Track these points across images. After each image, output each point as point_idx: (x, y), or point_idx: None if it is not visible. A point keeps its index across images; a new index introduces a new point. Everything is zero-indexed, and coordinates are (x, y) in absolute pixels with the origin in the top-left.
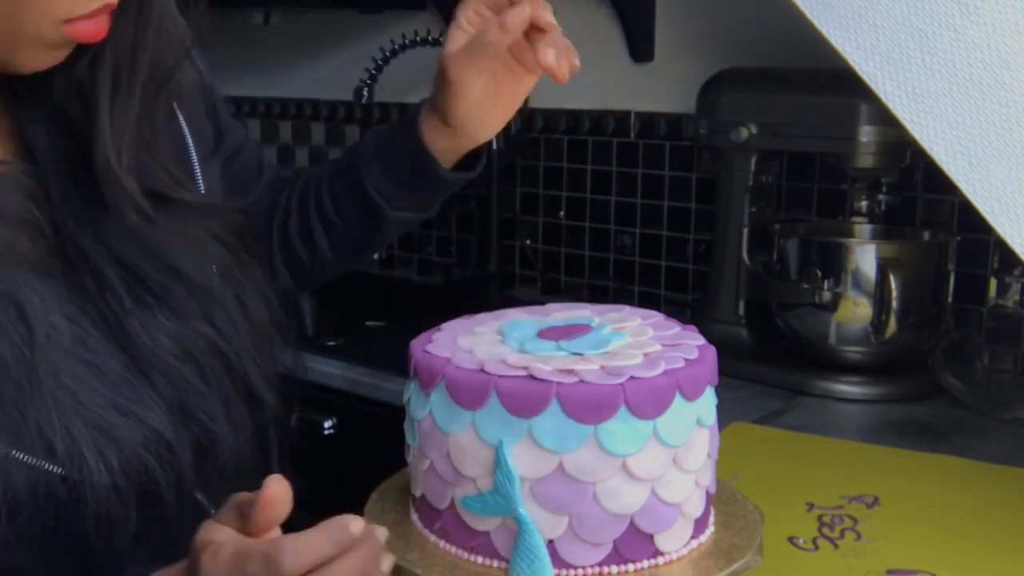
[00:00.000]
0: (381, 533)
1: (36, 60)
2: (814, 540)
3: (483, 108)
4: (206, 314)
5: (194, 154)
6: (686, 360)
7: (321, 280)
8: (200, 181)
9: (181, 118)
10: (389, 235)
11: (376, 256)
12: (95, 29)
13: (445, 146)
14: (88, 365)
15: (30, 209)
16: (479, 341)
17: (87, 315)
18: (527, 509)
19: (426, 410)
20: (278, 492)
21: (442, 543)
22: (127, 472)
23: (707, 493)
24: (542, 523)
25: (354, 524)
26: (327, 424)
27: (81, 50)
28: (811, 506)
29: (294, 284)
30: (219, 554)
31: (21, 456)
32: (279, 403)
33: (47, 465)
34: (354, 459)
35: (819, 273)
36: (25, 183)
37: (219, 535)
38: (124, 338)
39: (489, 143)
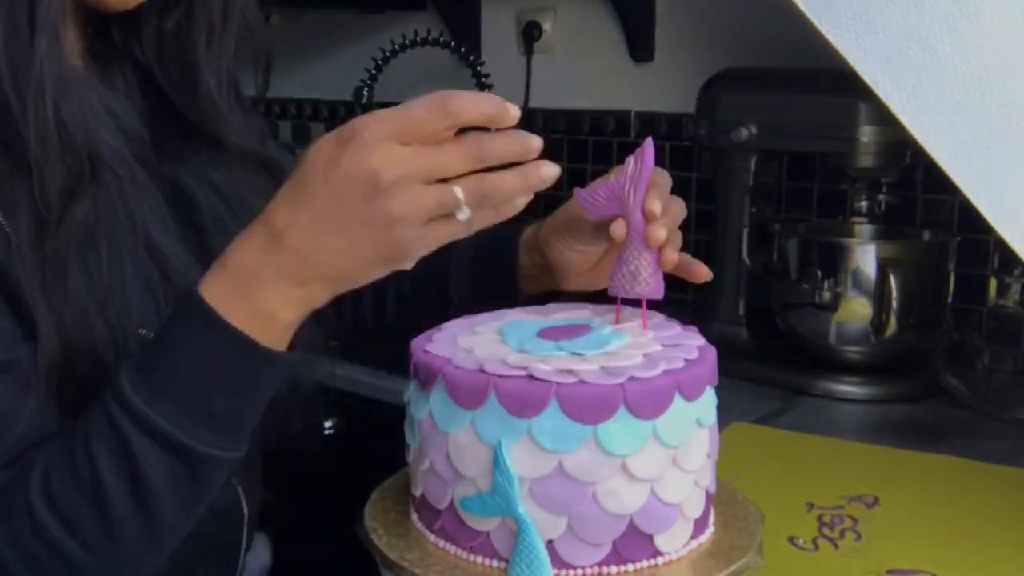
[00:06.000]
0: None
1: None
2: (814, 540)
3: (595, 275)
4: None
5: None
6: (686, 360)
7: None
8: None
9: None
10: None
11: None
12: None
13: (531, 282)
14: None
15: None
16: (479, 341)
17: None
18: (526, 509)
19: (426, 410)
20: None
21: (442, 543)
22: None
23: (707, 493)
24: (541, 523)
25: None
26: (327, 424)
27: (171, 4)
28: (811, 506)
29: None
30: None
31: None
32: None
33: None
34: (354, 459)
35: (819, 273)
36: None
37: None
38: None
39: None
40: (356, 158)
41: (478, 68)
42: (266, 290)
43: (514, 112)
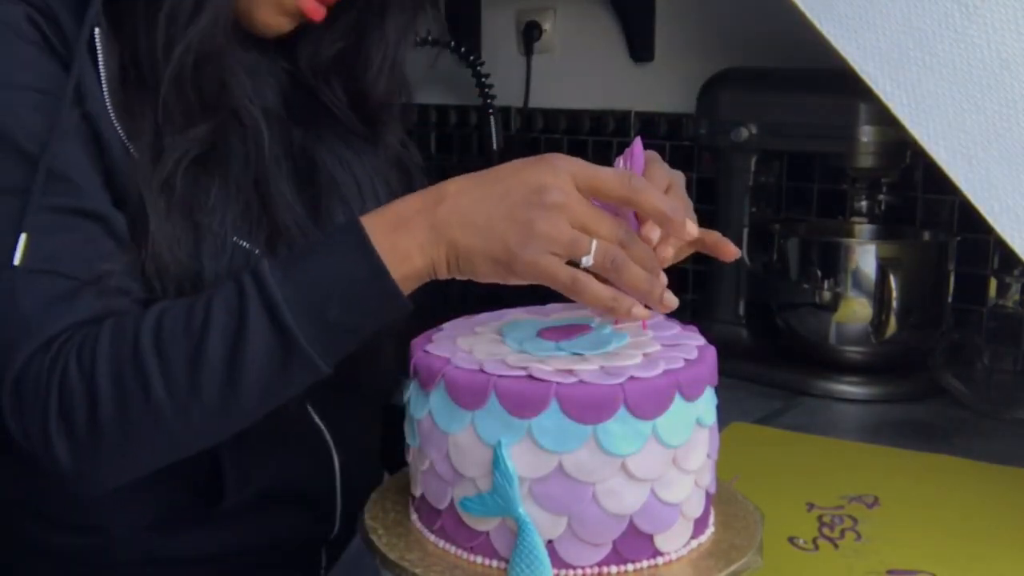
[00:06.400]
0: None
1: (270, 20)
2: (814, 540)
3: None
4: None
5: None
6: (686, 360)
7: None
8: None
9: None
10: None
11: None
12: (314, 7)
13: None
14: None
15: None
16: (479, 341)
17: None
18: (526, 509)
19: (426, 410)
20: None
21: (442, 543)
22: None
23: (707, 493)
24: (541, 523)
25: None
26: None
27: (322, 31)
28: (811, 506)
29: None
30: None
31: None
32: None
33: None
34: None
35: (819, 273)
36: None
37: None
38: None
39: (490, 143)
40: (538, 171)
41: (478, 68)
42: (409, 231)
43: (691, 229)
